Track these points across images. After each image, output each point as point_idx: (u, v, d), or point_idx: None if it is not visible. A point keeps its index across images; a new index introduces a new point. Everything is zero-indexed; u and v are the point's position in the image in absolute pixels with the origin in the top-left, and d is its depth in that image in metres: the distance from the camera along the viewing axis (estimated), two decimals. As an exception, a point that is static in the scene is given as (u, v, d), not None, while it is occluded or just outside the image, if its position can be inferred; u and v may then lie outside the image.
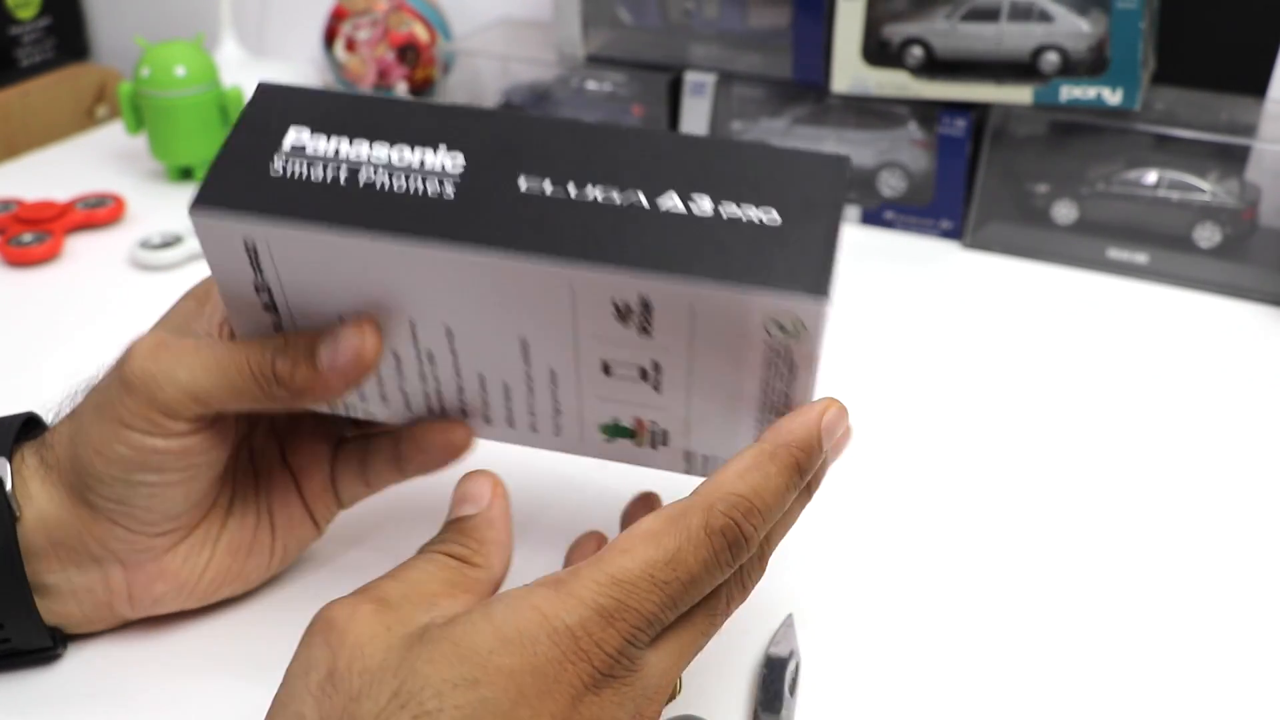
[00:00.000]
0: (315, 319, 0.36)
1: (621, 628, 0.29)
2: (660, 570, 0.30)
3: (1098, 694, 0.40)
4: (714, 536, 0.30)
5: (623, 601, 0.29)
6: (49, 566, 0.37)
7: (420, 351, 0.36)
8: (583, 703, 0.29)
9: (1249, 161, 0.70)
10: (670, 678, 0.32)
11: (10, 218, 0.73)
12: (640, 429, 0.37)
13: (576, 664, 0.29)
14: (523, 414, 0.38)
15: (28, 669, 0.39)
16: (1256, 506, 0.50)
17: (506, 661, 0.28)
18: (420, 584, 0.33)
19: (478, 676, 0.28)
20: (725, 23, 0.78)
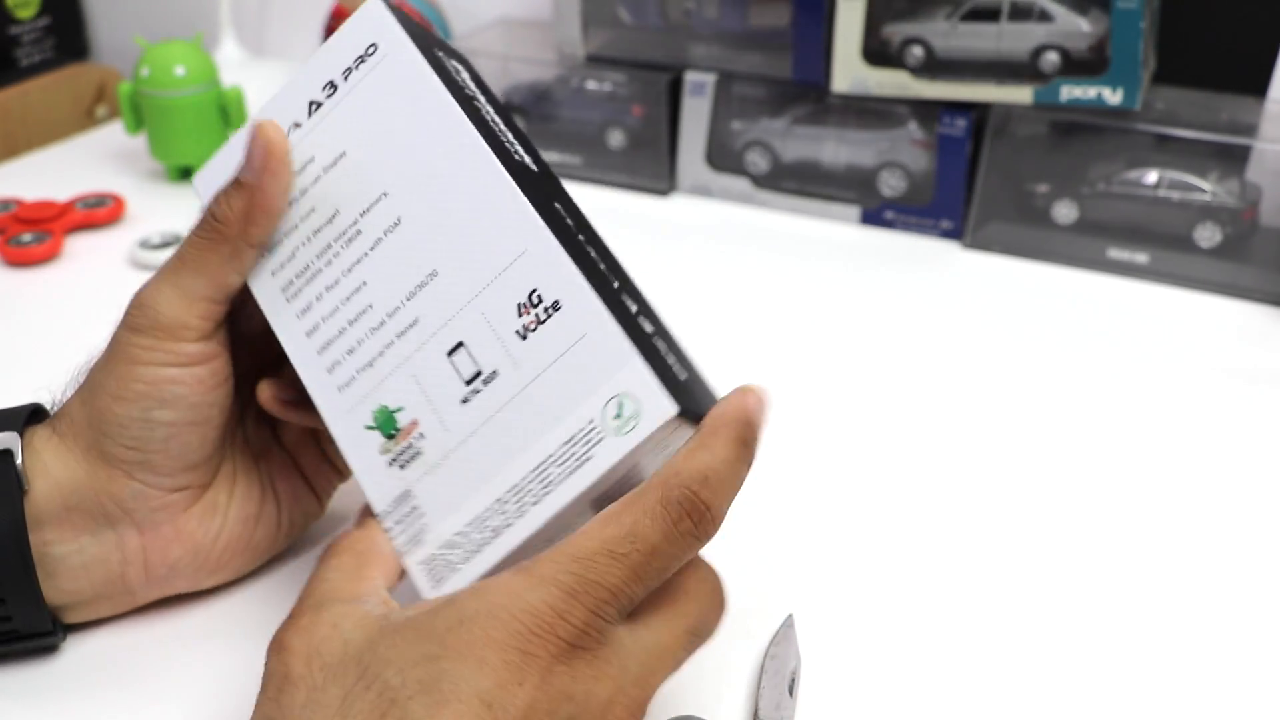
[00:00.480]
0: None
1: (586, 601, 0.29)
2: (618, 544, 0.30)
3: (1097, 694, 0.40)
4: (670, 508, 0.31)
5: (584, 576, 0.30)
6: (61, 536, 0.37)
7: (353, 229, 0.38)
8: (553, 674, 0.29)
9: (1249, 161, 0.69)
10: (659, 662, 0.31)
11: (10, 217, 0.73)
12: (403, 435, 0.36)
13: (543, 637, 0.29)
14: (352, 338, 0.38)
15: (26, 659, 0.39)
16: (1257, 506, 0.50)
17: (467, 636, 0.29)
18: (333, 580, 0.33)
19: (438, 652, 0.29)
20: (725, 22, 0.78)
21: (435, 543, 0.35)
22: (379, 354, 0.37)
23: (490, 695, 0.28)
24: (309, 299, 0.38)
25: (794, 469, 0.52)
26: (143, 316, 0.38)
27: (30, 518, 0.37)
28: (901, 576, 0.45)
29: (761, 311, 0.66)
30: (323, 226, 0.38)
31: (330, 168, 0.38)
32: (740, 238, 0.76)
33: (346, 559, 0.34)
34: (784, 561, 0.46)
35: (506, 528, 0.34)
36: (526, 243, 0.35)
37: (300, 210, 0.39)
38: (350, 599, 0.32)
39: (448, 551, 0.35)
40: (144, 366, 0.37)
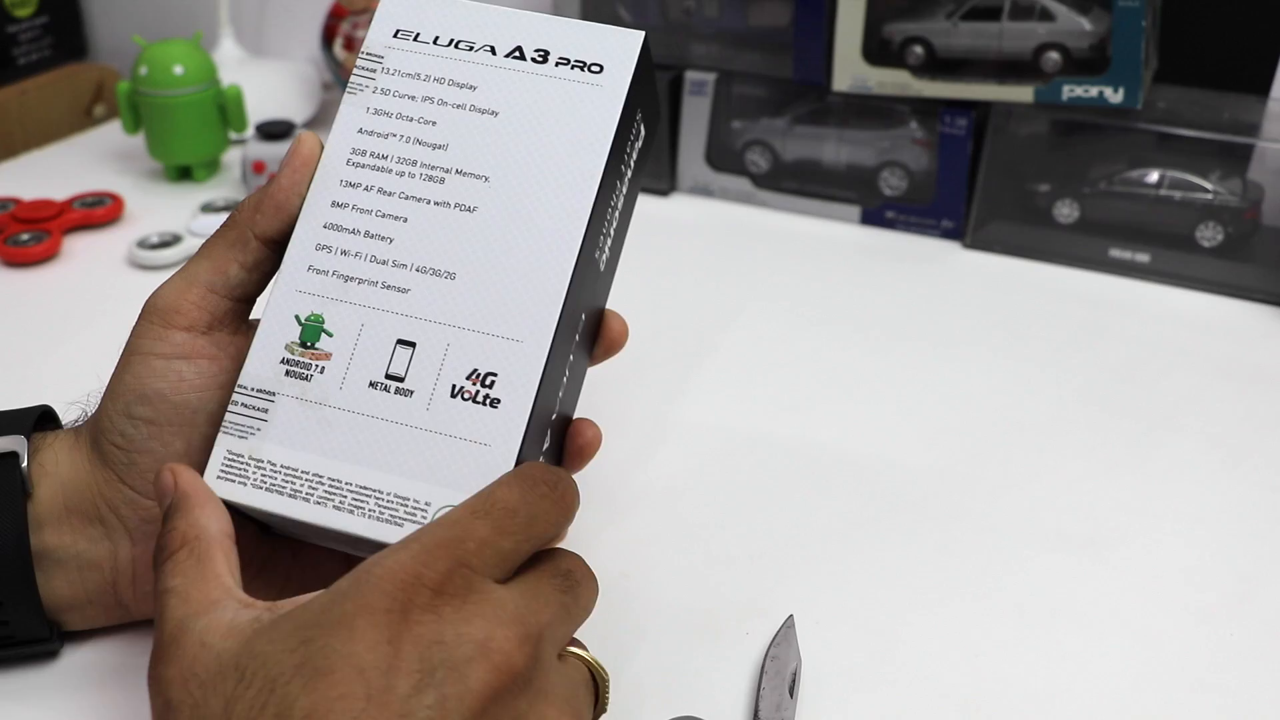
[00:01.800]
0: None
1: (450, 551, 0.30)
2: (478, 505, 0.31)
3: (1097, 695, 0.40)
4: (526, 474, 0.33)
5: (446, 535, 0.30)
6: (60, 537, 0.37)
7: (441, 172, 0.37)
8: (420, 624, 0.29)
9: (1252, 161, 0.69)
10: (534, 602, 0.31)
11: (8, 217, 0.73)
12: (309, 353, 0.36)
13: (406, 591, 0.29)
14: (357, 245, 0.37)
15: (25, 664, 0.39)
16: (1257, 506, 0.50)
17: (338, 611, 0.29)
18: (180, 591, 0.31)
19: (311, 634, 0.28)
20: (726, 21, 0.77)
21: (252, 451, 0.35)
22: (360, 280, 0.37)
23: (361, 659, 0.28)
24: (363, 180, 0.38)
25: (794, 469, 0.51)
26: (146, 305, 0.38)
27: (32, 518, 0.37)
28: (902, 577, 0.45)
29: (762, 311, 0.66)
30: (427, 144, 0.38)
31: (479, 110, 0.38)
32: (740, 238, 0.76)
33: (184, 560, 0.32)
34: (784, 562, 0.46)
35: (302, 500, 0.35)
36: (528, 338, 0.35)
37: (428, 113, 0.38)
38: (206, 609, 0.31)
39: (254, 468, 0.35)
40: (135, 355, 0.37)
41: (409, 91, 0.38)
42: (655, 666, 0.40)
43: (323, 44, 0.93)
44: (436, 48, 0.39)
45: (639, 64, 0.38)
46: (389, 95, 0.38)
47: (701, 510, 0.49)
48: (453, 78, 0.38)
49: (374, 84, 0.39)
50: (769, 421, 0.55)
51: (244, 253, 0.38)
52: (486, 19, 0.39)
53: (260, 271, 0.38)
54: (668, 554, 0.46)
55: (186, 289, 0.38)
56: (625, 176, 0.40)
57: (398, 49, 0.39)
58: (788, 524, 0.48)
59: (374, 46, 0.39)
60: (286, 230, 0.38)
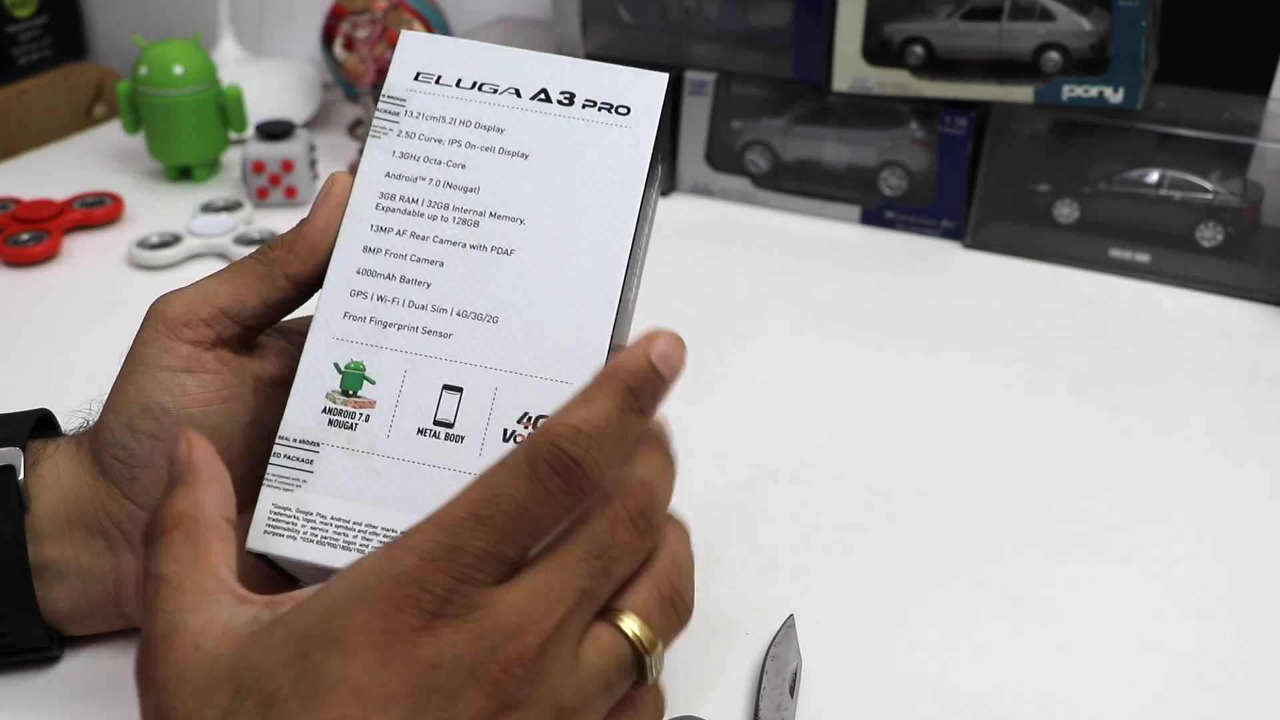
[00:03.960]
0: None
1: (449, 568, 0.28)
2: (482, 507, 0.29)
3: (1098, 695, 0.40)
4: (537, 465, 0.29)
5: (446, 543, 0.28)
6: (61, 551, 0.37)
7: (475, 216, 0.37)
8: (418, 646, 0.28)
9: (1252, 161, 0.69)
10: (545, 606, 0.29)
11: (8, 217, 0.73)
12: (353, 402, 0.35)
13: (404, 611, 0.28)
14: (393, 290, 0.37)
15: (25, 670, 0.39)
16: (1257, 506, 0.50)
17: (334, 624, 0.28)
18: (174, 580, 0.30)
19: (307, 647, 0.28)
20: (726, 21, 0.77)
21: (299, 504, 0.35)
22: (399, 325, 0.36)
23: (358, 681, 0.27)
24: (394, 224, 0.37)
25: (794, 468, 0.51)
26: (153, 309, 0.38)
27: (31, 530, 0.36)
28: (902, 577, 0.45)
29: (762, 311, 0.66)
30: (458, 187, 0.37)
31: (509, 153, 0.38)
32: (740, 238, 0.76)
33: (179, 544, 0.31)
34: (784, 562, 0.46)
35: (357, 552, 0.34)
36: (576, 380, 0.35)
37: (456, 155, 0.38)
38: (200, 603, 0.30)
39: (303, 520, 0.35)
40: (139, 365, 0.37)
41: (435, 134, 0.38)
42: (655, 666, 0.40)
43: (323, 44, 0.93)
44: (460, 90, 0.39)
45: (663, 106, 0.39)
46: (414, 139, 0.38)
47: (701, 510, 0.49)
48: (479, 120, 0.38)
49: (398, 127, 0.38)
50: (768, 421, 0.55)
51: (270, 290, 0.37)
52: (508, 62, 0.39)
53: (281, 310, 0.38)
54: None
55: (200, 305, 0.37)
56: (649, 215, 0.40)
57: (420, 92, 0.39)
58: (788, 524, 0.48)
59: (395, 89, 0.39)
60: (318, 271, 0.37)
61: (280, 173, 0.76)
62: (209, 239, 0.70)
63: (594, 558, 0.30)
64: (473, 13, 0.95)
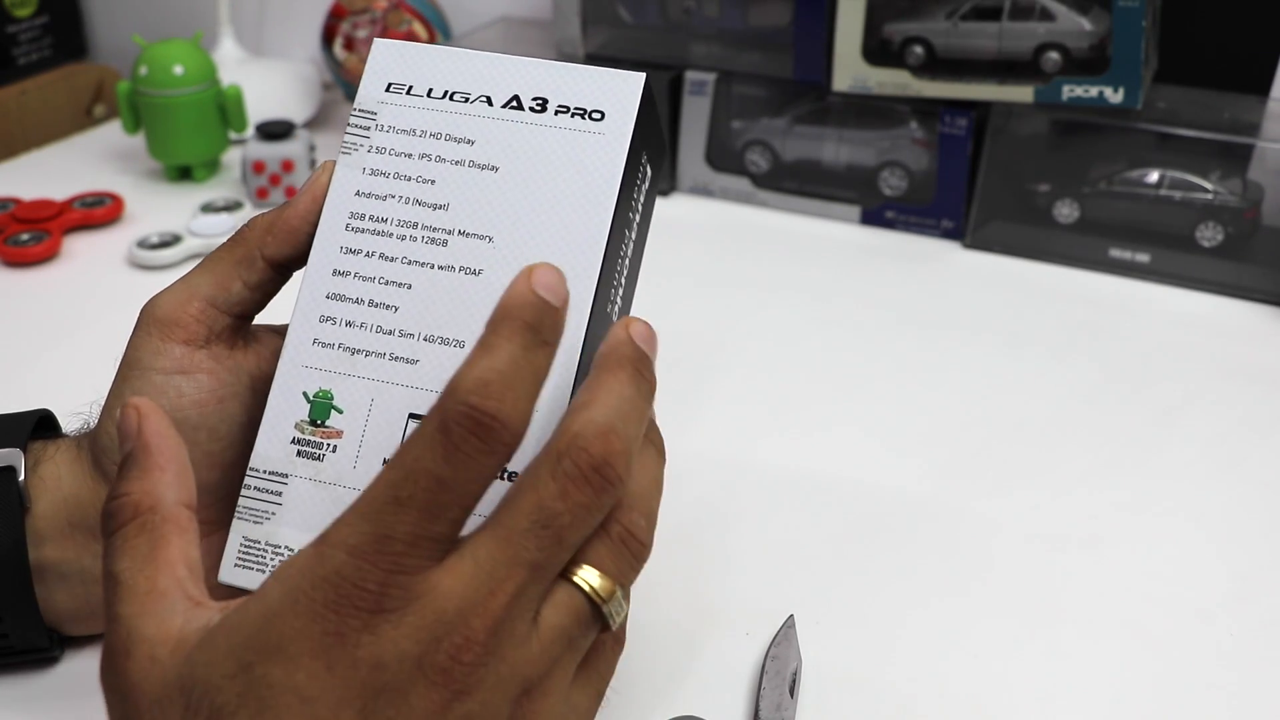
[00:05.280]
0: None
1: (379, 561, 0.27)
2: (401, 487, 0.27)
3: (1098, 695, 0.40)
4: (450, 430, 0.27)
5: (372, 533, 0.27)
6: (64, 554, 0.37)
7: (444, 234, 0.36)
8: (360, 647, 0.27)
9: (1252, 161, 0.69)
10: (489, 579, 0.28)
11: (8, 217, 0.73)
12: (321, 431, 0.35)
13: (341, 613, 0.27)
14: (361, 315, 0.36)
15: (25, 670, 0.39)
16: (1257, 506, 0.50)
17: (274, 634, 0.27)
18: (128, 582, 0.30)
19: (250, 660, 0.27)
20: (726, 21, 0.77)
21: (268, 536, 0.34)
22: (367, 352, 0.35)
23: (305, 689, 0.27)
24: (363, 246, 0.36)
25: (794, 469, 0.51)
26: (144, 312, 0.37)
27: (32, 533, 0.36)
28: (901, 576, 0.45)
29: (761, 311, 0.66)
30: (427, 204, 0.36)
31: (479, 166, 0.36)
32: (740, 238, 0.76)
33: (134, 538, 0.30)
34: (784, 562, 0.46)
35: None
36: (545, 407, 0.34)
37: (425, 171, 0.37)
38: (154, 607, 0.29)
39: (271, 554, 0.34)
40: (132, 369, 0.37)
41: (405, 149, 0.37)
42: (655, 666, 0.40)
43: (323, 44, 0.93)
44: (431, 100, 0.37)
45: (641, 108, 0.37)
46: (385, 154, 0.37)
47: (701, 510, 0.49)
48: (449, 132, 0.37)
49: (368, 142, 0.37)
50: (768, 421, 0.55)
51: (250, 272, 0.37)
52: (480, 67, 0.38)
53: (263, 292, 0.38)
54: (668, 554, 0.46)
55: (187, 301, 0.37)
56: (634, 222, 0.39)
57: (391, 104, 0.38)
58: (788, 524, 0.48)
59: (366, 103, 0.38)
60: (295, 256, 0.37)
61: (280, 173, 0.77)
62: (209, 239, 0.70)
63: (541, 528, 0.28)
64: (473, 13, 0.95)
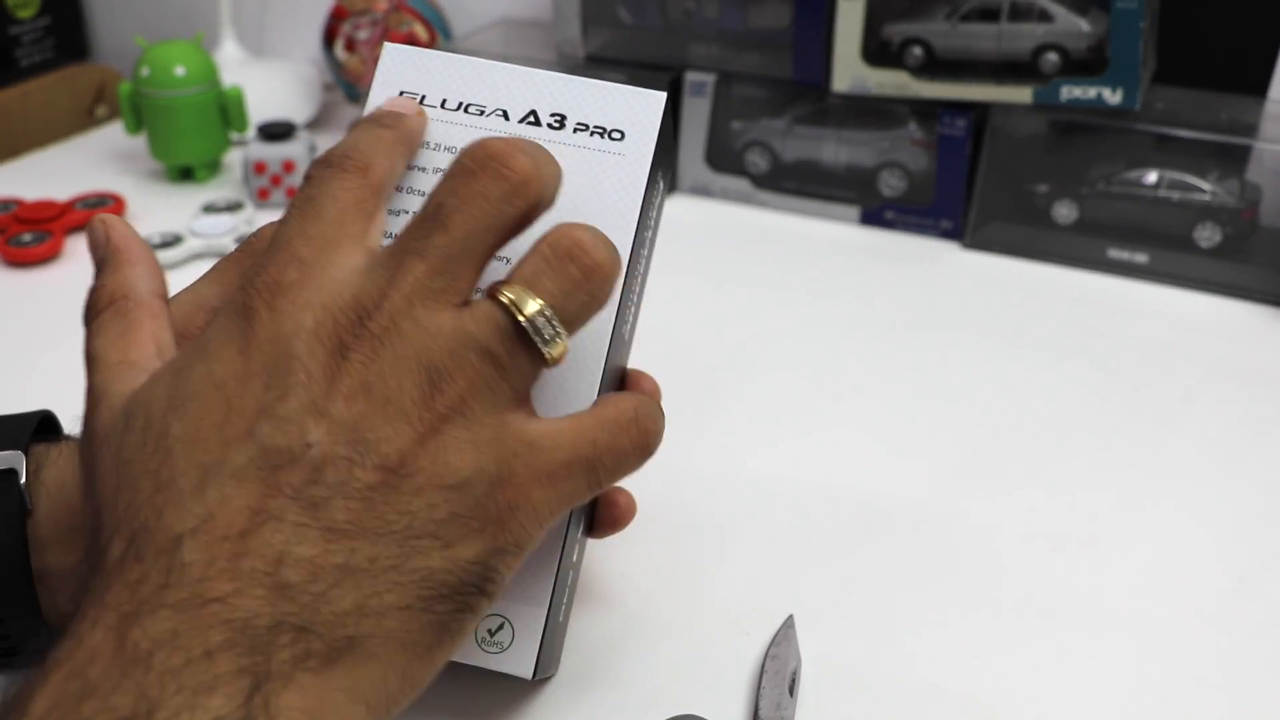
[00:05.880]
0: None
1: (279, 256, 0.30)
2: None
3: (1098, 694, 0.40)
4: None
5: (274, 243, 0.30)
6: (66, 557, 0.37)
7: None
8: (259, 323, 0.29)
9: (1249, 161, 0.69)
10: (381, 284, 0.29)
11: (10, 218, 0.73)
12: None
13: (245, 294, 0.29)
14: None
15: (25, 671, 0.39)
16: (1256, 507, 0.50)
17: (199, 344, 0.29)
18: (100, 357, 0.31)
19: (179, 366, 0.29)
20: (725, 22, 0.78)
21: None
22: None
23: (217, 374, 0.28)
24: None
25: (794, 469, 0.52)
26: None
27: (34, 538, 0.36)
28: (901, 577, 0.45)
29: (761, 311, 0.66)
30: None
31: None
32: (740, 238, 0.76)
33: (110, 320, 0.32)
34: (784, 562, 0.46)
35: None
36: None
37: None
38: (123, 373, 0.31)
39: None
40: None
41: (418, 163, 0.36)
42: (655, 666, 0.40)
43: (324, 45, 0.93)
44: (444, 112, 0.36)
45: (660, 127, 0.36)
46: None
47: (701, 510, 0.49)
48: (464, 146, 0.35)
49: None
50: (767, 421, 0.55)
51: None
52: (496, 79, 0.36)
53: None
54: (668, 554, 0.46)
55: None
56: (648, 239, 0.38)
57: None
58: (787, 523, 0.48)
59: None
60: None
61: (281, 173, 0.77)
62: (210, 239, 0.71)
63: (428, 218, 0.30)
64: (473, 14, 0.96)
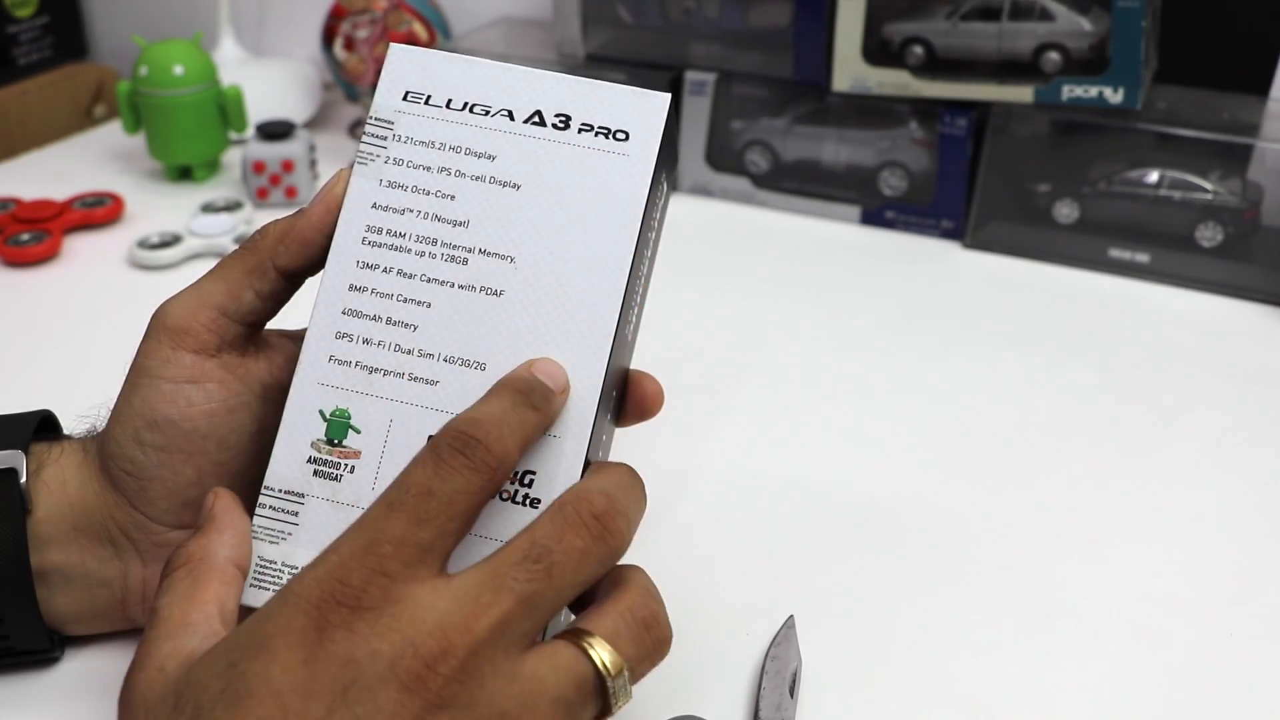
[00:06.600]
0: None
1: (366, 560, 0.29)
2: (392, 494, 0.30)
3: (1098, 694, 0.40)
4: (440, 450, 0.30)
5: (362, 536, 0.29)
6: (67, 557, 0.37)
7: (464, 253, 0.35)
8: (333, 642, 0.28)
9: (1251, 161, 0.69)
10: (473, 604, 0.29)
11: (8, 217, 0.73)
12: (339, 452, 0.34)
13: (322, 608, 0.28)
14: (379, 334, 0.35)
15: (25, 671, 0.39)
16: (1257, 507, 0.50)
17: (260, 632, 0.28)
18: (163, 612, 0.32)
19: (235, 658, 0.28)
20: (726, 21, 0.77)
21: (285, 557, 0.34)
22: (385, 371, 0.35)
23: (277, 681, 0.27)
24: (381, 261, 0.35)
25: (794, 469, 0.51)
26: (154, 319, 0.37)
27: (35, 537, 0.36)
28: (902, 577, 0.45)
29: (761, 311, 0.66)
30: (447, 220, 0.36)
31: (500, 183, 0.36)
32: (740, 238, 0.76)
33: (180, 580, 0.32)
34: (784, 562, 0.46)
35: None
36: (565, 434, 0.34)
37: (445, 185, 0.36)
38: (177, 632, 0.31)
39: (287, 575, 0.34)
40: (143, 377, 0.36)
41: (424, 162, 0.36)
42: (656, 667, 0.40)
43: (323, 44, 0.93)
44: (450, 112, 0.36)
45: (665, 128, 0.36)
46: (402, 166, 0.36)
47: (701, 510, 0.49)
48: (470, 146, 0.36)
49: (385, 153, 0.36)
50: (767, 421, 0.55)
51: (262, 281, 0.37)
52: (501, 79, 0.37)
53: (275, 300, 0.38)
54: (668, 554, 0.46)
55: (198, 310, 0.37)
56: (651, 240, 0.38)
57: (409, 114, 0.36)
58: (788, 524, 0.48)
59: (383, 111, 0.36)
60: (307, 266, 0.37)
61: (280, 173, 0.77)
62: (209, 239, 0.70)
63: (532, 561, 0.30)
64: (473, 13, 0.96)
